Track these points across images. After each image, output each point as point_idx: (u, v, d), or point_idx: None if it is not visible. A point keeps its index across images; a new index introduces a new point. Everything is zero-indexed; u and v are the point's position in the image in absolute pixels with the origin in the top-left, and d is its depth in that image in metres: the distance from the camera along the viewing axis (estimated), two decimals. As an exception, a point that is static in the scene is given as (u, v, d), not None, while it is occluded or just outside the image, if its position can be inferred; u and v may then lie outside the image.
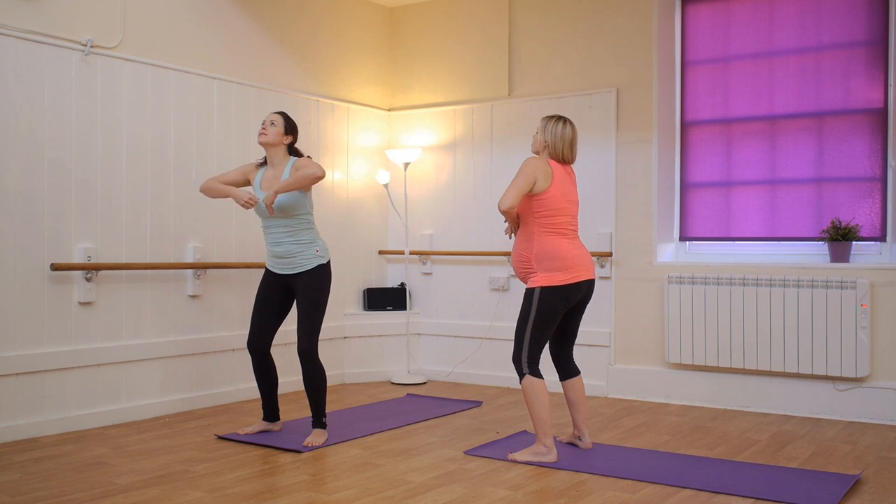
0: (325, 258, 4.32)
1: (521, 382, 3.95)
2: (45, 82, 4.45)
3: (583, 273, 3.98)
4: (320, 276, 4.28)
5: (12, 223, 4.32)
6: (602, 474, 3.73)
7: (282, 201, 4.20)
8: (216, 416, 4.96)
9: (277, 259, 4.31)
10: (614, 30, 5.74)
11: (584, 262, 4.01)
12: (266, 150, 4.35)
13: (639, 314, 5.62)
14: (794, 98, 5.36)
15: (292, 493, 3.42)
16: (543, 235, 3.96)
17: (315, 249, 4.29)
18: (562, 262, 3.93)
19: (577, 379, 4.20)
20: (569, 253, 3.96)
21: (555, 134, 4.02)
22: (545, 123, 4.05)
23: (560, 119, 4.06)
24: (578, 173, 5.81)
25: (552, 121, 4.05)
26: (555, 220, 3.96)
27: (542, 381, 3.94)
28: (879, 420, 4.86)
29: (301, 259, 4.26)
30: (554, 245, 3.95)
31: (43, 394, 4.41)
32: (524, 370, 3.94)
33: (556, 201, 3.95)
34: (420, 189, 6.53)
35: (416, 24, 6.64)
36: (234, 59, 5.49)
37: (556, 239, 3.96)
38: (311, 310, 4.25)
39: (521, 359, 3.96)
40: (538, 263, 3.95)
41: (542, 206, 3.95)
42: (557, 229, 3.97)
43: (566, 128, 4.03)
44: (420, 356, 6.49)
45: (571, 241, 4.02)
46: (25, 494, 3.38)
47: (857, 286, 4.87)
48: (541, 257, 3.95)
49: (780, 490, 3.48)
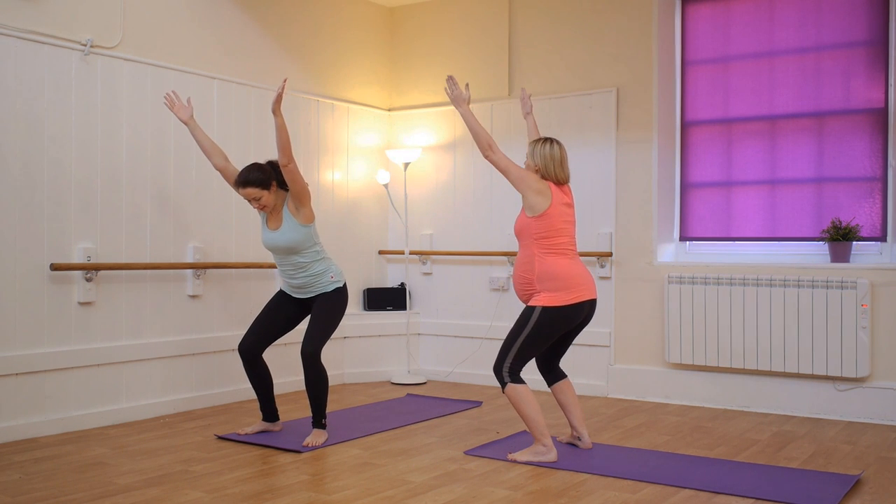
0: (340, 282, 4.38)
1: (505, 391, 3.95)
2: (45, 82, 4.45)
3: (585, 293, 3.99)
4: (338, 296, 4.35)
5: (12, 223, 4.32)
6: (602, 474, 3.73)
7: (288, 241, 4.23)
8: (216, 416, 4.96)
9: (294, 289, 4.37)
10: (614, 30, 5.74)
11: (586, 281, 4.01)
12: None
13: (639, 314, 5.62)
14: (794, 98, 5.36)
15: (292, 493, 3.42)
16: (544, 256, 3.96)
17: (330, 276, 4.34)
18: (564, 281, 3.93)
19: (564, 382, 4.21)
20: (571, 272, 3.97)
21: (543, 156, 4.03)
22: (533, 147, 4.07)
23: (547, 140, 4.07)
24: (578, 173, 5.82)
25: (539, 143, 4.06)
26: (554, 241, 3.97)
27: (525, 384, 3.94)
28: (879, 420, 4.86)
29: (318, 287, 4.33)
30: (556, 265, 3.95)
31: (43, 394, 4.40)
32: (505, 380, 3.93)
33: (554, 222, 3.97)
34: (420, 189, 6.53)
35: (416, 24, 6.64)
36: (234, 58, 5.49)
37: (557, 259, 3.97)
38: (324, 319, 4.28)
39: (502, 370, 3.95)
40: (540, 284, 3.95)
41: (541, 227, 3.96)
42: (558, 249, 3.98)
43: (554, 147, 4.04)
44: (420, 356, 6.49)
45: (573, 260, 4.03)
46: (25, 494, 3.38)
47: (858, 286, 4.87)
48: (543, 277, 3.94)
49: (780, 490, 3.48)
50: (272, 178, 4.23)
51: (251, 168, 4.22)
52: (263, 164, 4.27)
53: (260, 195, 4.18)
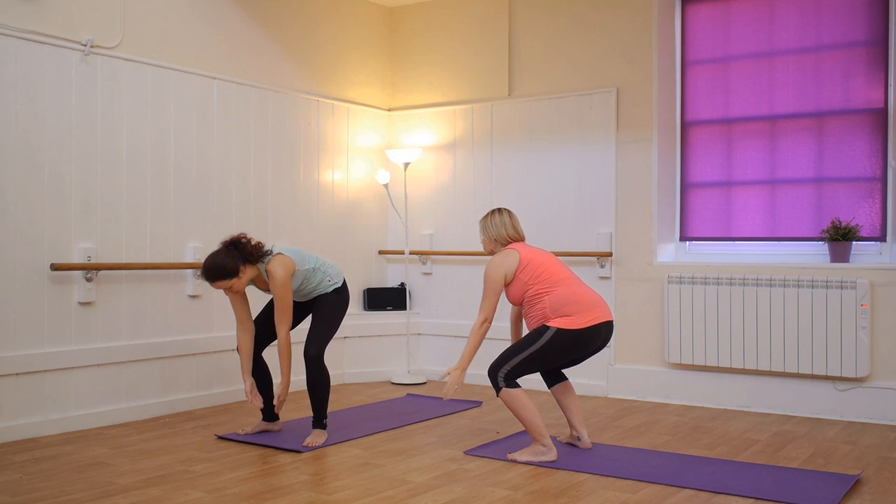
0: (339, 283, 4.41)
1: (499, 395, 3.94)
2: (45, 82, 4.45)
3: (601, 314, 3.97)
4: (339, 297, 4.39)
5: (12, 223, 4.32)
6: (602, 474, 3.73)
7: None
8: (216, 416, 4.96)
9: (295, 297, 4.36)
10: (614, 30, 5.74)
11: (599, 303, 4.01)
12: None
13: (639, 314, 5.62)
14: (794, 98, 5.36)
15: (292, 493, 3.42)
16: (552, 289, 3.96)
17: (327, 279, 4.36)
18: (578, 305, 3.93)
19: (565, 383, 4.21)
20: (582, 295, 3.98)
21: (495, 225, 4.15)
22: (483, 224, 4.20)
23: (494, 211, 4.21)
24: (579, 173, 5.85)
25: (487, 217, 4.20)
26: (549, 276, 3.99)
27: (520, 388, 3.94)
28: (879, 420, 4.86)
29: (317, 292, 4.37)
30: (566, 292, 3.96)
31: (43, 394, 4.40)
32: (500, 385, 3.92)
33: (534, 262, 4.01)
34: (420, 189, 6.53)
35: (416, 24, 6.64)
36: (234, 59, 5.49)
37: (564, 287, 3.98)
38: (326, 319, 4.31)
39: (497, 373, 3.93)
40: (554, 312, 3.93)
41: (528, 275, 4.00)
42: (558, 280, 3.99)
43: (503, 215, 4.17)
44: (420, 356, 6.49)
45: (580, 286, 4.04)
46: (25, 494, 3.38)
47: (857, 286, 4.87)
48: (556, 306, 3.93)
49: (780, 490, 3.48)
50: (238, 262, 4.04)
51: (214, 264, 4.00)
52: (227, 249, 4.05)
53: (231, 284, 4.05)
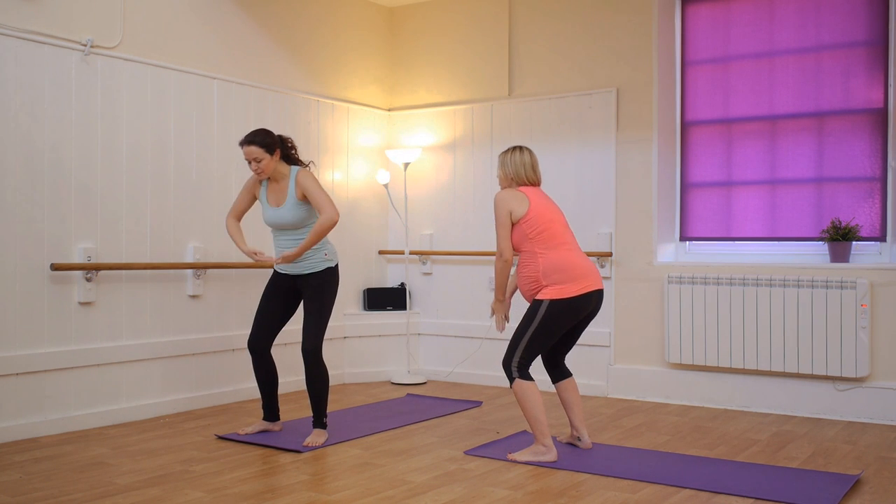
0: (333, 262, 4.35)
1: (512, 386, 3.96)
2: (45, 82, 4.45)
3: (592, 283, 4.01)
4: (328, 278, 4.31)
5: (12, 223, 4.32)
6: (602, 474, 3.73)
7: (293, 218, 4.22)
8: (216, 416, 4.96)
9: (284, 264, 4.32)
10: (614, 30, 5.74)
11: (592, 272, 4.04)
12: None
13: (639, 314, 5.62)
14: (794, 98, 5.36)
15: (292, 493, 3.42)
16: (547, 252, 3.99)
17: (324, 253, 4.31)
18: (570, 273, 3.96)
19: (569, 380, 4.21)
20: (576, 263, 4.00)
21: (514, 163, 4.12)
22: (502, 159, 4.16)
23: (515, 148, 4.16)
24: (578, 173, 5.84)
25: (508, 153, 4.16)
26: (550, 236, 4.01)
27: (533, 382, 3.95)
28: (879, 420, 4.86)
29: (310, 262, 4.28)
30: (560, 258, 3.98)
31: (43, 394, 4.40)
32: (514, 374, 3.95)
33: (541, 218, 4.02)
34: (420, 189, 6.53)
35: (416, 24, 6.64)
36: (234, 59, 5.49)
37: (560, 253, 4.00)
38: (318, 311, 4.26)
39: (511, 364, 3.97)
40: (546, 278, 3.97)
41: (531, 227, 4.00)
42: (557, 243, 4.01)
43: (524, 154, 4.14)
44: (420, 356, 6.49)
45: (576, 252, 4.07)
46: (25, 494, 3.38)
47: (857, 286, 4.87)
48: (548, 271, 3.96)
49: (780, 490, 3.48)
50: (277, 146, 4.23)
51: (259, 131, 4.22)
52: (272, 132, 4.25)
53: (262, 157, 4.17)
